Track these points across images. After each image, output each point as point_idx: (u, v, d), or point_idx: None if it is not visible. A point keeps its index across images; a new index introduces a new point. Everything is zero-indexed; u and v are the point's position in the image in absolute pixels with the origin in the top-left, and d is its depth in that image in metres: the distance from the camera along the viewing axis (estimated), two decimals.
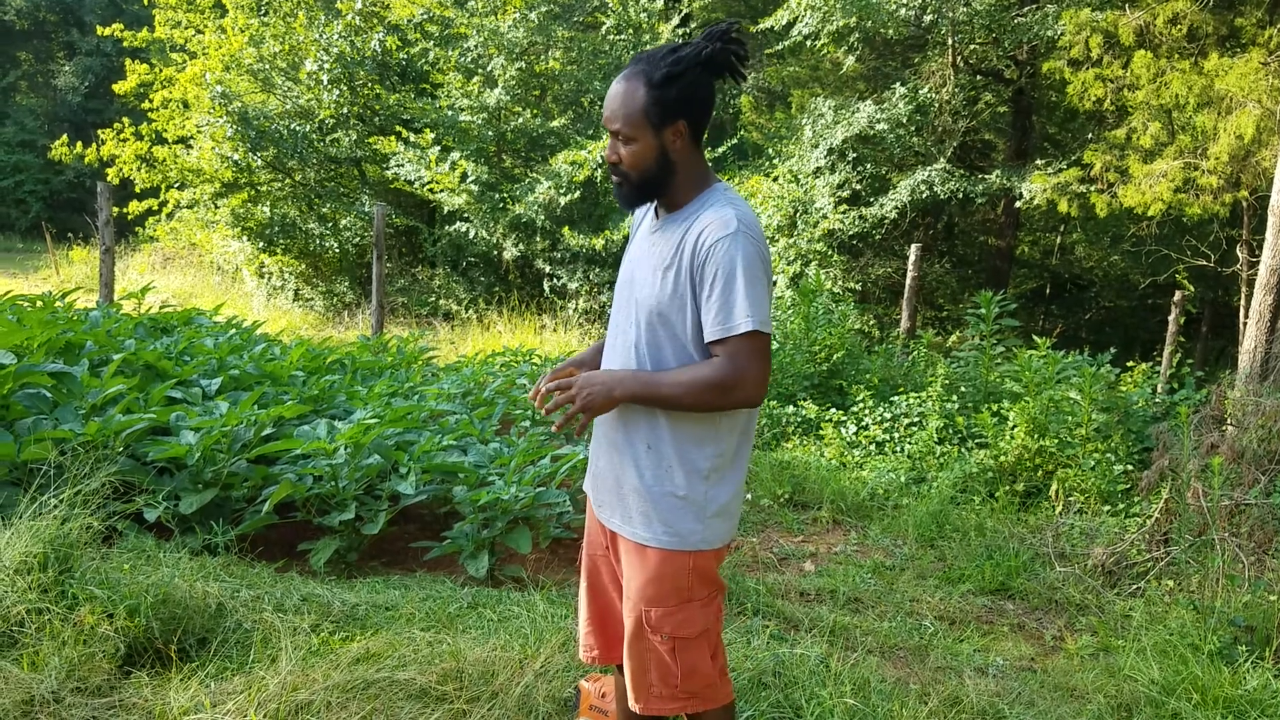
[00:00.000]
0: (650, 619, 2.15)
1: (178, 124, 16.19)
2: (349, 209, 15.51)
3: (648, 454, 2.13)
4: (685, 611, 2.16)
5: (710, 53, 2.01)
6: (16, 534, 3.12)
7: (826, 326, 8.50)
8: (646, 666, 2.21)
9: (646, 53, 2.05)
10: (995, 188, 13.10)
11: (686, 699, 2.22)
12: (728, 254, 1.97)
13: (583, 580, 2.43)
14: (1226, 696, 3.32)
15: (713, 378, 2.01)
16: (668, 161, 2.07)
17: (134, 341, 5.92)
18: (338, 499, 4.53)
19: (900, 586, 4.73)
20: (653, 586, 2.15)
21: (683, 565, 2.14)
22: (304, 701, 2.62)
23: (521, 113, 14.53)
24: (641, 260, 2.17)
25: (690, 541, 2.13)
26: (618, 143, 2.07)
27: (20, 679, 2.61)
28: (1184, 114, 10.51)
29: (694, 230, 2.04)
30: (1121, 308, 17.88)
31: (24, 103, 31.89)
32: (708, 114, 2.09)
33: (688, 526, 2.13)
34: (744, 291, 1.97)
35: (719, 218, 2.01)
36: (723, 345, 2.01)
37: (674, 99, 2.01)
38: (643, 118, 2.02)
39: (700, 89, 2.03)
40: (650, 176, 2.08)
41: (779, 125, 15.00)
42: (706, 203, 2.08)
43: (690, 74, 2.00)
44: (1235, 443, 4.96)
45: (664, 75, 1.99)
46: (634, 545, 2.18)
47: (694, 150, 2.11)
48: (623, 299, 2.21)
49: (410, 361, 7.72)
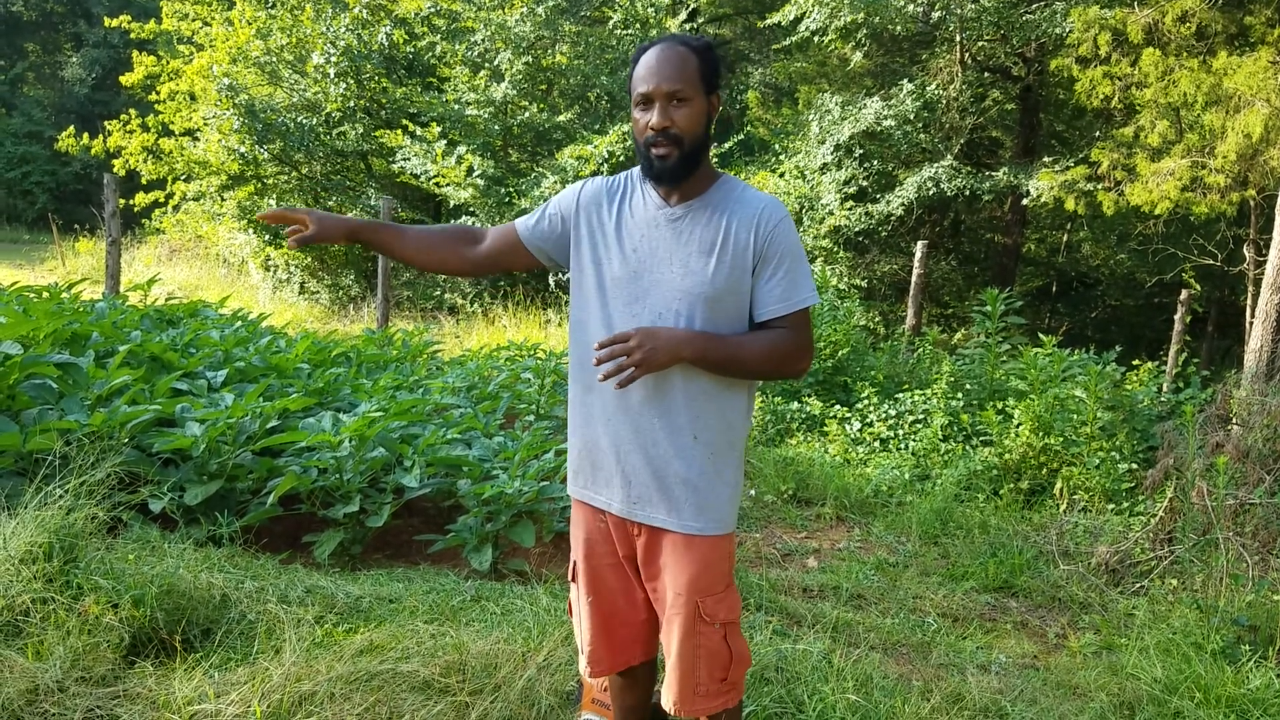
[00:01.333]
0: (706, 609, 2.16)
1: (184, 116, 16.21)
2: (355, 202, 15.52)
3: (694, 444, 2.12)
4: (730, 596, 2.21)
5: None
6: (22, 524, 3.13)
7: (832, 323, 8.49)
8: (696, 664, 2.19)
9: (668, 35, 2.08)
10: (1002, 185, 13.07)
11: (730, 691, 2.24)
12: (789, 235, 2.06)
13: (583, 594, 2.33)
14: (1229, 696, 3.31)
15: (790, 346, 2.08)
16: (708, 131, 2.09)
17: (140, 333, 5.93)
18: (342, 491, 4.54)
19: (903, 583, 4.73)
20: (706, 575, 2.16)
21: (726, 550, 2.20)
22: (308, 692, 2.63)
23: (528, 107, 14.52)
24: (660, 249, 2.09)
25: (730, 524, 2.20)
26: (669, 107, 2.02)
27: (25, 668, 2.62)
28: (1192, 112, 10.48)
29: (743, 214, 2.07)
30: (1127, 306, 17.85)
31: (31, 94, 31.96)
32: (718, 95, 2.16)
33: (729, 510, 2.19)
34: (805, 269, 2.07)
35: (770, 201, 2.09)
36: (786, 320, 2.08)
37: (715, 69, 2.06)
38: (698, 77, 2.03)
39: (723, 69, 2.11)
40: (699, 142, 2.06)
41: (786, 121, 14.98)
42: (734, 187, 2.12)
43: (721, 59, 2.09)
44: (1240, 442, 4.95)
45: (704, 44, 2.05)
46: (682, 538, 2.15)
47: (711, 131, 2.14)
48: (633, 292, 2.11)
49: (415, 355, 7.73)
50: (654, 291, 2.09)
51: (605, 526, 2.27)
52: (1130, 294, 17.45)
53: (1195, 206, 10.70)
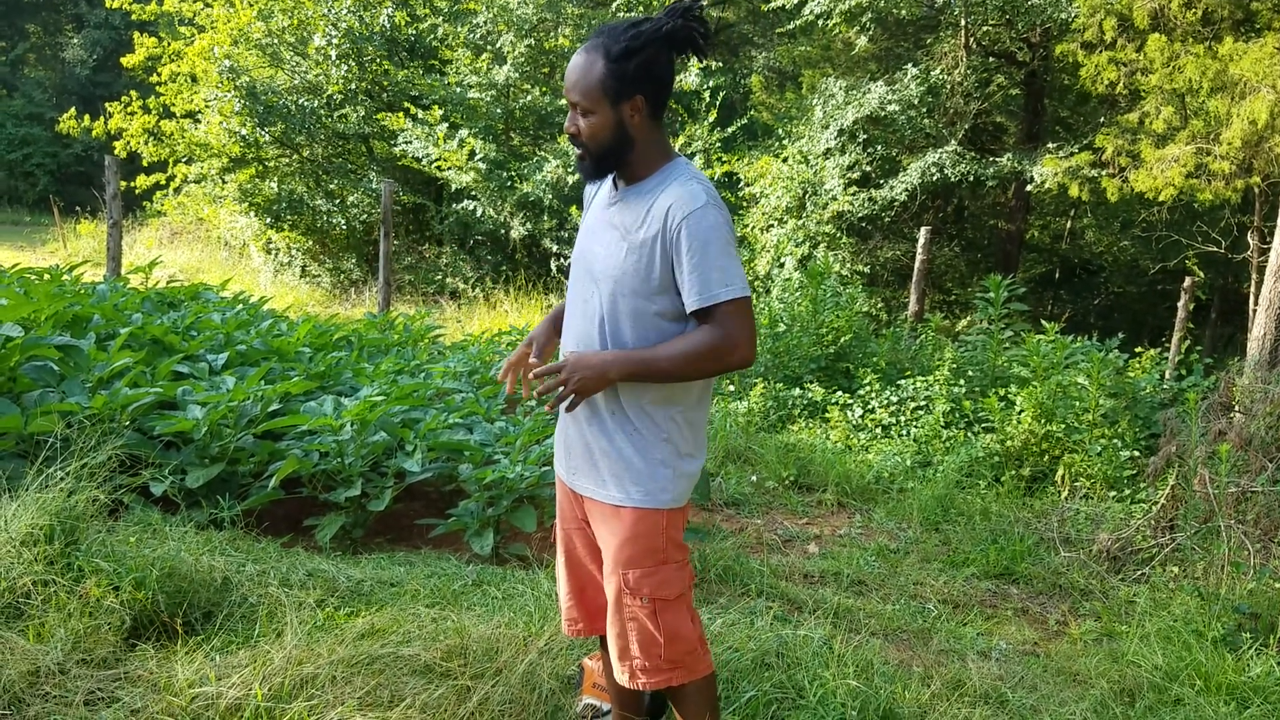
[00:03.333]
0: (629, 581, 2.18)
1: (186, 98, 16.15)
2: (356, 185, 15.49)
3: (613, 418, 2.18)
4: (662, 573, 2.20)
5: (671, 28, 2.00)
6: (23, 506, 3.13)
7: (834, 309, 8.47)
8: (628, 637, 2.23)
9: (608, 25, 2.04)
10: (1006, 171, 13.03)
11: (670, 669, 2.23)
12: (700, 226, 1.99)
13: (560, 555, 2.46)
14: (1230, 683, 3.32)
15: (706, 345, 2.04)
16: (625, 135, 2.07)
17: (141, 316, 5.92)
18: (344, 475, 4.54)
19: (904, 570, 4.73)
20: (629, 547, 2.18)
21: (656, 524, 2.18)
22: (309, 675, 2.63)
23: (530, 90, 14.45)
24: (599, 232, 2.17)
25: (661, 500, 2.17)
26: (576, 115, 2.07)
27: (26, 650, 2.63)
28: (1197, 99, 10.42)
29: (661, 204, 2.05)
30: (1131, 293, 17.82)
31: (32, 75, 31.86)
32: (667, 89, 2.08)
33: (657, 485, 2.17)
34: (721, 260, 2.00)
35: (686, 192, 2.03)
36: (708, 314, 2.04)
37: (631, 73, 2.01)
38: (600, 91, 2.01)
39: (658, 64, 2.03)
40: (607, 149, 2.08)
41: (789, 105, 14.93)
42: (670, 176, 2.09)
43: (649, 49, 2.00)
44: (1243, 430, 4.94)
45: (622, 49, 1.99)
46: (609, 508, 2.21)
47: (653, 125, 2.10)
48: (580, 271, 2.22)
49: (417, 339, 7.72)
50: (591, 275, 2.17)
51: (571, 494, 2.37)
52: (1134, 281, 17.41)
53: (1200, 193, 10.65)
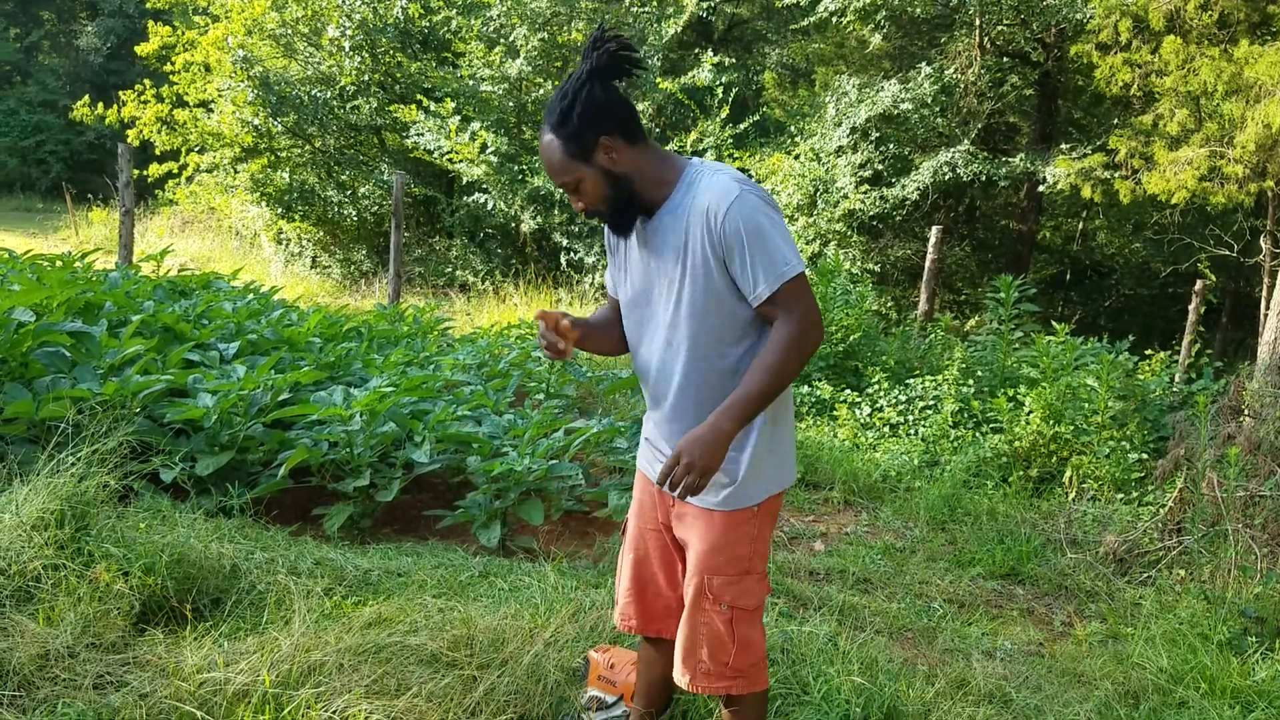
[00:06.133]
0: (712, 586, 2.19)
1: (199, 87, 16.18)
2: (368, 177, 15.51)
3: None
4: (745, 583, 2.22)
5: (593, 67, 2.01)
6: (34, 491, 3.15)
7: (844, 307, 8.46)
8: (699, 641, 2.23)
9: (548, 104, 2.06)
10: (1018, 171, 12.98)
11: (734, 678, 2.25)
12: (744, 216, 1.98)
13: (628, 550, 2.44)
14: (1235, 687, 3.31)
15: (786, 345, 2.02)
16: (618, 177, 2.07)
17: (152, 303, 5.95)
18: (352, 465, 4.56)
19: (910, 568, 4.73)
20: (718, 554, 2.19)
21: (746, 531, 2.19)
22: (316, 663, 2.64)
23: (543, 84, 14.44)
24: (649, 268, 2.15)
25: (747, 499, 2.18)
26: (570, 194, 2.11)
27: (36, 633, 2.65)
28: (1212, 101, 10.37)
29: (698, 209, 2.03)
30: (1141, 296, 17.75)
31: (46, 62, 31.96)
32: (627, 113, 2.06)
33: (744, 488, 2.17)
34: (775, 243, 1.99)
35: (717, 187, 2.01)
36: (774, 301, 2.02)
37: (582, 127, 2.01)
38: (568, 159, 2.04)
39: (601, 101, 2.02)
40: (613, 199, 2.09)
41: (802, 102, 14.89)
42: (692, 181, 2.07)
43: (581, 97, 2.01)
44: (1252, 434, 4.92)
45: (560, 115, 2.01)
46: (702, 511, 2.22)
47: (640, 150, 2.09)
48: (642, 312, 2.21)
49: (426, 331, 7.74)
50: (654, 320, 2.17)
51: (655, 494, 2.37)
52: (1145, 283, 17.34)
53: (1212, 196, 10.60)
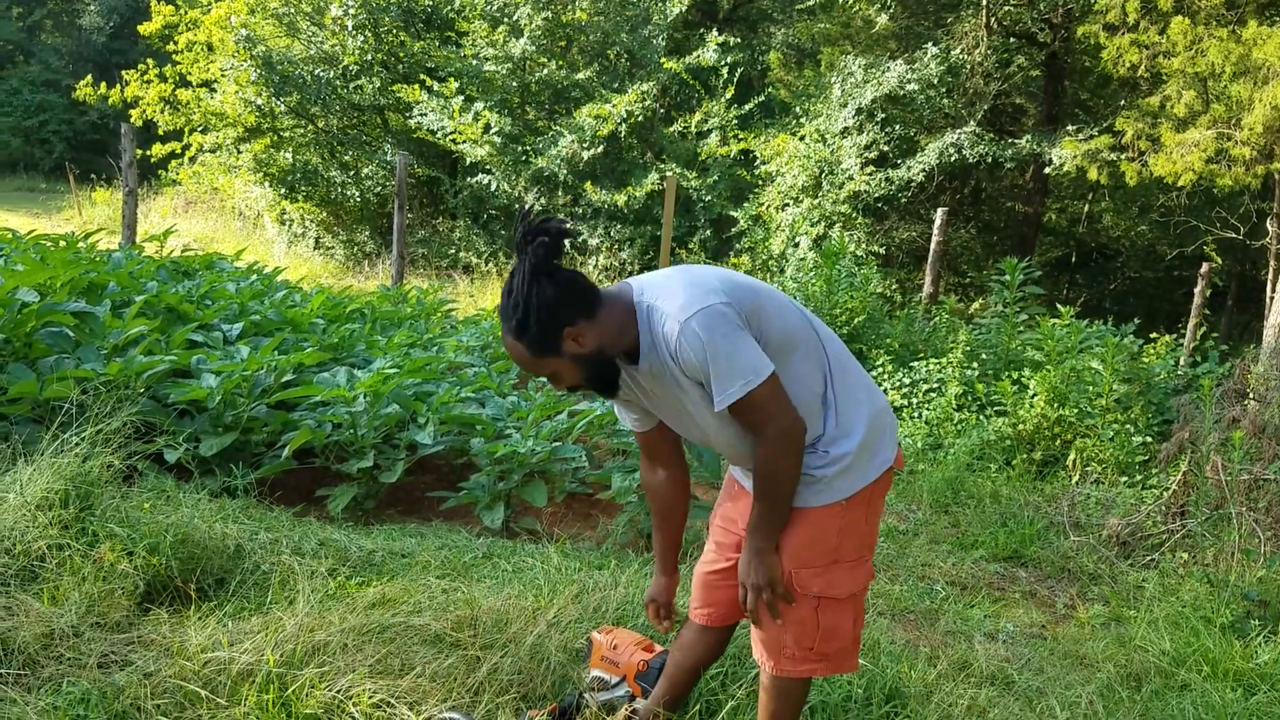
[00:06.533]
0: (800, 579, 2.17)
1: (202, 67, 16.13)
2: (371, 158, 15.46)
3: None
4: (833, 572, 2.18)
5: (533, 265, 2.02)
6: (38, 470, 3.15)
7: (848, 290, 8.44)
8: (784, 628, 2.21)
9: (499, 308, 2.11)
10: (1025, 153, 12.91)
11: (818, 661, 2.23)
12: (694, 350, 2.02)
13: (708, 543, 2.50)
14: (1237, 669, 3.32)
15: (766, 461, 2.09)
16: (590, 356, 2.11)
17: (156, 284, 5.94)
18: (356, 447, 4.56)
19: (913, 551, 4.73)
20: (806, 549, 2.16)
21: (833, 523, 2.16)
22: (321, 643, 2.65)
23: (546, 64, 14.36)
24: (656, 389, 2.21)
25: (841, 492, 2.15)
26: (551, 381, 2.20)
27: (41, 612, 2.65)
28: (1219, 83, 10.29)
29: (665, 353, 2.08)
30: (1147, 278, 17.70)
31: (49, 41, 31.82)
32: (577, 291, 2.08)
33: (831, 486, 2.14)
34: (724, 367, 2.01)
35: (667, 332, 2.05)
36: (736, 414, 2.07)
37: (541, 331, 2.05)
38: (539, 357, 2.09)
39: (552, 298, 2.04)
40: (594, 375, 2.15)
41: (808, 83, 14.77)
42: (648, 324, 2.11)
43: (534, 304, 2.04)
44: (1257, 417, 4.91)
45: (518, 324, 2.05)
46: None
47: (600, 317, 2.10)
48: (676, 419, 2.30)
49: (430, 313, 7.73)
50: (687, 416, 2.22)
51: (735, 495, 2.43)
52: (1150, 266, 17.28)
53: (1219, 179, 10.54)
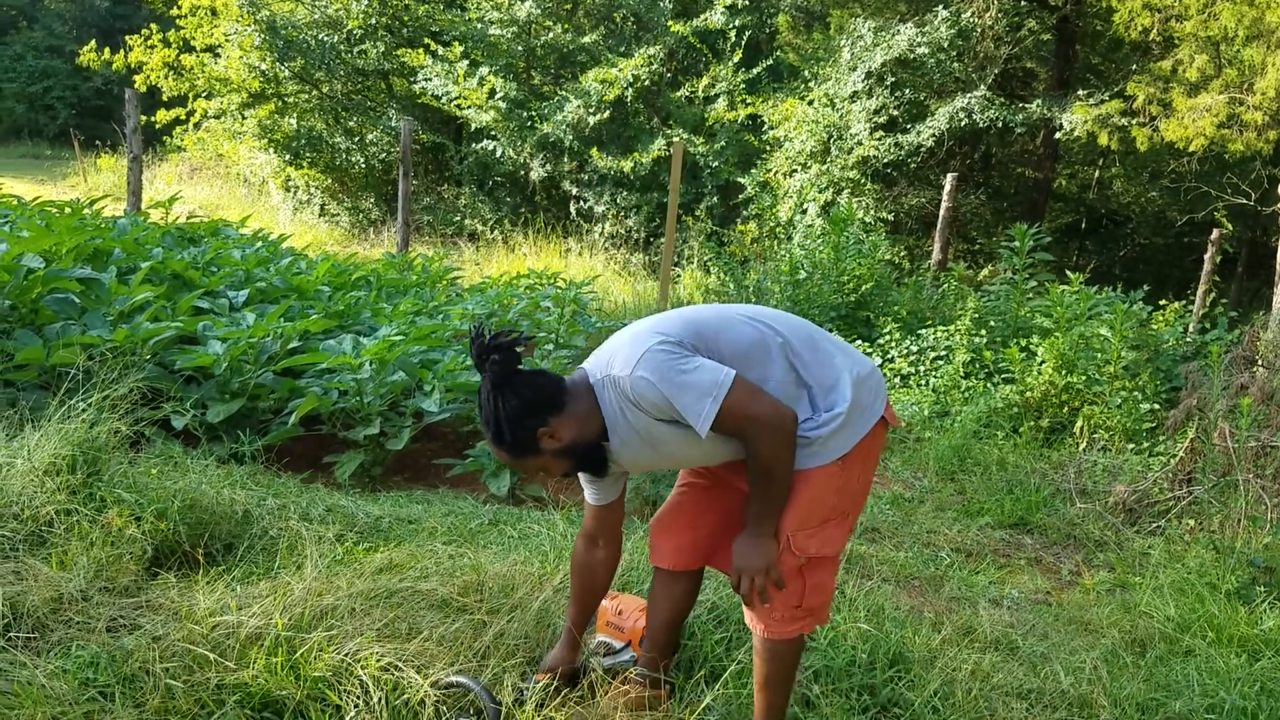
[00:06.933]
0: (796, 543, 2.19)
1: (206, 32, 16.01)
2: (376, 123, 15.37)
3: None
4: (826, 530, 2.22)
5: (494, 382, 2.10)
6: (45, 436, 3.16)
7: (856, 257, 8.40)
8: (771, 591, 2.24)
9: (480, 417, 2.19)
10: (1035, 118, 12.78)
11: (804, 617, 2.27)
12: (648, 392, 2.07)
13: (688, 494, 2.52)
14: (1242, 635, 3.32)
15: (758, 459, 2.11)
16: (571, 449, 2.19)
17: (161, 250, 5.94)
18: (362, 414, 4.57)
19: (918, 518, 4.74)
20: (804, 510, 2.18)
21: (831, 483, 2.18)
22: (328, 607, 2.67)
23: (552, 27, 14.23)
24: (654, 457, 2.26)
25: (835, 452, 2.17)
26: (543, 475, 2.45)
27: (49, 577, 2.67)
28: (1232, 47, 10.16)
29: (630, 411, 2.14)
30: (1157, 245, 17.58)
31: (52, 7, 31.58)
32: (544, 393, 2.15)
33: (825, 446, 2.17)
34: (683, 397, 2.06)
35: (624, 391, 2.11)
36: (723, 426, 2.08)
37: (516, 438, 2.14)
38: (522, 458, 2.19)
39: (519, 407, 2.12)
40: (581, 463, 2.25)
41: (816, 46, 14.61)
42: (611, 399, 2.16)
43: (503, 416, 2.11)
44: (1265, 384, 4.89)
45: (495, 435, 2.15)
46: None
47: (570, 409, 2.16)
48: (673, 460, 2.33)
49: (435, 281, 7.72)
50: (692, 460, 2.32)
51: None
52: (1160, 232, 17.16)
53: (1231, 144, 10.42)
